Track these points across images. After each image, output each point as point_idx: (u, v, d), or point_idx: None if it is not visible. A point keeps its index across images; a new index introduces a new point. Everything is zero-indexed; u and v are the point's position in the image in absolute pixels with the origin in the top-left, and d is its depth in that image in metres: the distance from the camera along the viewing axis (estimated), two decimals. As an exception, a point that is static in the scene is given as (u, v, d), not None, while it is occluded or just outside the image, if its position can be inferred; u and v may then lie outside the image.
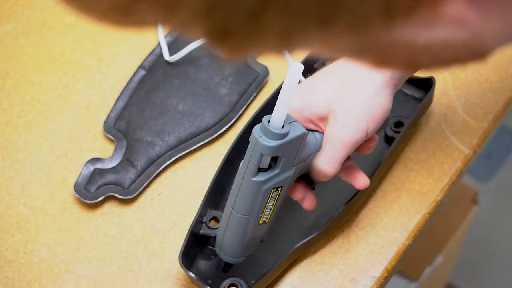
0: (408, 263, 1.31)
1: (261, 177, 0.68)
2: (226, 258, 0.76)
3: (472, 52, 0.39)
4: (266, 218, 0.72)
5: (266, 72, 0.93)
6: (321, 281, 0.80)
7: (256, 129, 0.66)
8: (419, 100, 0.88)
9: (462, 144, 0.87)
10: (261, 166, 0.68)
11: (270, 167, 0.69)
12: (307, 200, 0.75)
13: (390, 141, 0.85)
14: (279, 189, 0.70)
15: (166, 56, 0.93)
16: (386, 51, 0.37)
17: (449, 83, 0.91)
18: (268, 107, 0.87)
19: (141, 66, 0.93)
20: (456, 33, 0.37)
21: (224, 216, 0.73)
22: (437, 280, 1.56)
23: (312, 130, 0.73)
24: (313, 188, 0.77)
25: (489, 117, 0.89)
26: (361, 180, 0.75)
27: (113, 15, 0.31)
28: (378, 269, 0.80)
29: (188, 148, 0.88)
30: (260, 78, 0.92)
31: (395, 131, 0.85)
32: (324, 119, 0.73)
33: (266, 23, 0.30)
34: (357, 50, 0.37)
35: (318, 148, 0.72)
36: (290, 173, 0.70)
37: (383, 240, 0.82)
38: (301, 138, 0.67)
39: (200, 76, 0.92)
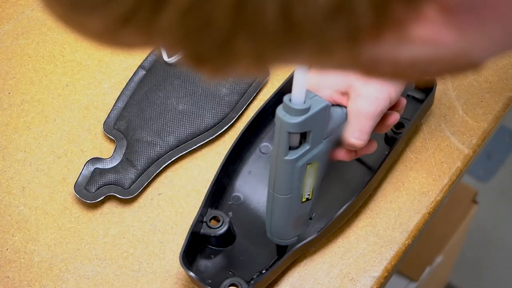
0: (408, 263, 1.31)
1: (293, 155, 0.69)
2: (279, 241, 0.77)
3: (459, 66, 0.38)
4: (309, 195, 0.73)
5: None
6: (321, 281, 0.80)
7: (279, 109, 0.67)
8: (420, 101, 0.88)
9: (462, 144, 0.87)
10: (292, 145, 0.69)
11: (301, 144, 0.69)
12: (363, 150, 0.75)
13: (391, 142, 0.85)
14: (315, 164, 0.70)
15: (165, 57, 0.93)
16: (370, 66, 0.37)
17: (449, 83, 0.91)
18: (269, 107, 0.87)
19: (141, 66, 0.93)
20: (436, 51, 0.36)
21: (267, 201, 0.74)
22: (437, 280, 1.56)
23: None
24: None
25: (489, 117, 0.89)
26: (392, 118, 0.76)
27: (105, 37, 0.34)
28: (378, 269, 0.80)
29: (188, 148, 0.88)
30: (260, 78, 0.92)
31: (396, 132, 0.85)
32: (345, 94, 0.74)
33: (237, 49, 0.32)
34: (336, 66, 0.38)
35: (344, 119, 0.73)
36: (322, 146, 0.70)
37: (383, 240, 0.82)
38: (325, 110, 0.68)
39: (200, 76, 0.92)
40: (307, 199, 0.73)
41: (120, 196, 0.84)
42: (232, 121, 0.89)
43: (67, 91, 0.93)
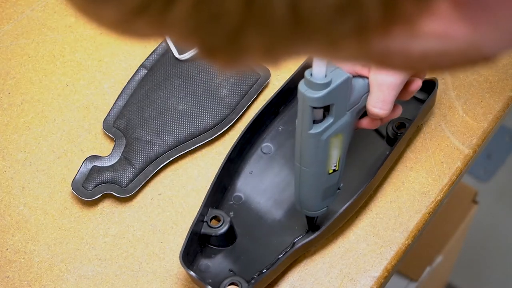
0: (408, 263, 1.31)
1: (317, 128, 0.69)
2: (309, 213, 0.78)
3: (471, 59, 0.39)
4: (335, 166, 0.73)
5: (267, 74, 0.93)
6: (321, 281, 0.80)
7: (301, 84, 0.67)
8: (421, 101, 0.88)
9: (462, 144, 0.87)
10: (315, 118, 0.69)
11: (324, 117, 0.69)
12: (388, 116, 0.76)
13: (392, 142, 0.85)
14: (339, 136, 0.71)
15: (176, 54, 0.93)
16: (381, 58, 0.37)
17: (449, 83, 0.91)
18: (271, 107, 0.87)
19: (142, 65, 0.93)
20: (448, 44, 0.37)
21: (295, 175, 0.75)
22: (437, 280, 1.56)
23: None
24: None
25: (489, 117, 0.89)
26: (414, 85, 0.76)
27: (120, 27, 0.35)
28: (378, 269, 0.80)
29: (187, 149, 0.88)
30: (261, 80, 0.92)
31: (397, 132, 0.85)
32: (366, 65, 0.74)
33: (247, 42, 0.33)
34: (347, 58, 0.38)
35: (367, 90, 0.73)
36: (346, 118, 0.70)
37: (383, 240, 0.82)
38: (346, 82, 0.68)
39: (201, 77, 0.92)
40: (334, 170, 0.74)
41: (117, 195, 0.84)
42: (232, 123, 0.89)
43: (67, 91, 0.93)
